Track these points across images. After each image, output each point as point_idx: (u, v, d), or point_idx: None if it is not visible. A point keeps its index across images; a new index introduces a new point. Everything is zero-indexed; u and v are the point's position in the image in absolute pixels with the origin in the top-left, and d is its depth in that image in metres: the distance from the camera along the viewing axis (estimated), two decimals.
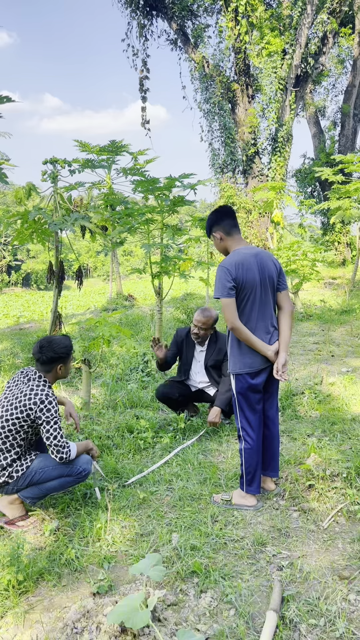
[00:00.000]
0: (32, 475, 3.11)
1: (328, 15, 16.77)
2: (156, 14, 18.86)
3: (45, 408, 3.05)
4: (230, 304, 3.08)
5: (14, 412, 3.06)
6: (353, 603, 2.38)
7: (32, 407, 3.04)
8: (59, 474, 3.14)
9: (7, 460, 3.10)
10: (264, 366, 3.18)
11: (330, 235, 20.48)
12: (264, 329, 3.17)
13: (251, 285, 3.11)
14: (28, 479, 3.11)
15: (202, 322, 4.53)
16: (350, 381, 5.43)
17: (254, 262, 3.14)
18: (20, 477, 3.11)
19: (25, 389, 3.12)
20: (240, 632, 2.21)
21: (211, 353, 4.61)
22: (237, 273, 3.07)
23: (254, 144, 17.18)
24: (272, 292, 3.24)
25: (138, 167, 7.19)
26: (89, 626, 2.15)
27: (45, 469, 3.13)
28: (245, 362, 3.15)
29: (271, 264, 3.22)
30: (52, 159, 6.78)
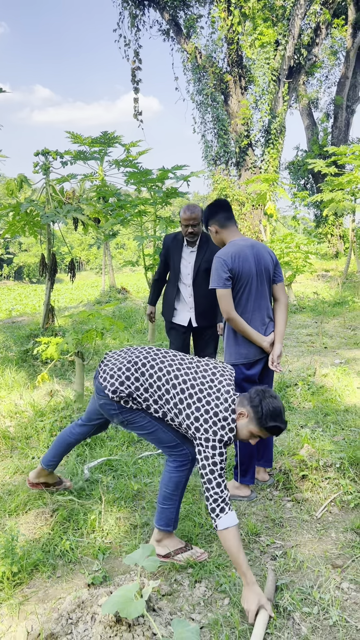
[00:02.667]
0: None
1: (321, 6, 16.69)
2: (148, 4, 18.69)
3: (211, 445, 2.43)
4: (227, 295, 3.09)
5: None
6: (346, 591, 2.40)
7: (198, 429, 2.47)
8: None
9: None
10: (259, 357, 3.19)
11: (323, 228, 20.49)
12: (259, 320, 3.18)
13: (247, 276, 3.12)
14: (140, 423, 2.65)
15: (193, 218, 4.26)
16: (343, 373, 5.46)
17: (250, 253, 3.15)
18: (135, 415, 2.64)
19: (222, 401, 2.51)
20: (234, 621, 2.22)
21: (203, 253, 4.40)
22: (233, 264, 3.08)
23: (247, 136, 17.13)
24: (268, 284, 3.25)
25: (130, 158, 7.16)
26: (84, 616, 2.16)
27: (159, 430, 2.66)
28: (241, 353, 3.16)
29: (267, 255, 3.23)
30: (44, 151, 6.73)
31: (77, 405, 4.57)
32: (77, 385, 4.74)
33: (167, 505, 2.68)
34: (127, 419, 2.65)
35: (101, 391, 2.65)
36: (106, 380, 2.63)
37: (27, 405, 4.86)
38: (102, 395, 2.65)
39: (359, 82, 21.20)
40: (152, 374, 2.59)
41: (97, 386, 2.70)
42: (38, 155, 6.78)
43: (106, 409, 2.68)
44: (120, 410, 2.63)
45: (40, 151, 6.74)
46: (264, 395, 2.47)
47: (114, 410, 2.64)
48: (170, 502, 2.68)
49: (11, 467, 3.78)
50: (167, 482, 2.69)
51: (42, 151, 6.74)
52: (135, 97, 19.51)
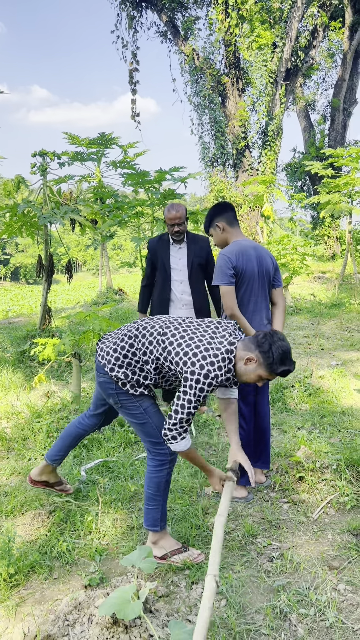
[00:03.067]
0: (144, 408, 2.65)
1: (318, 8, 16.75)
2: (146, 5, 18.72)
3: (195, 378, 2.39)
4: (231, 292, 3.11)
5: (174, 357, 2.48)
6: (342, 593, 2.41)
7: (186, 363, 2.41)
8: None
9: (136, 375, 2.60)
10: None
11: (320, 230, 20.54)
12: (259, 321, 3.21)
13: (250, 275, 3.15)
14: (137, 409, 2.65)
15: (178, 217, 4.30)
16: (339, 374, 5.47)
17: (253, 254, 3.19)
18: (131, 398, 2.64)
19: (219, 337, 2.50)
20: (231, 622, 2.23)
21: (192, 250, 4.44)
22: (237, 262, 3.11)
23: (244, 138, 17.16)
24: (268, 287, 3.30)
25: (128, 160, 7.17)
26: (81, 618, 2.16)
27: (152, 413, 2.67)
28: None
29: (269, 259, 3.28)
30: (42, 152, 6.73)
31: (74, 406, 4.56)
32: (74, 387, 4.74)
33: (152, 506, 2.72)
34: (122, 401, 2.65)
35: (101, 369, 2.66)
36: (104, 358, 2.63)
37: (23, 407, 4.85)
38: (102, 372, 2.66)
39: (355, 84, 21.28)
40: (147, 334, 2.59)
41: (97, 364, 2.71)
42: (35, 156, 6.77)
43: (105, 387, 2.68)
44: (117, 391, 2.63)
45: (38, 152, 6.74)
46: (272, 340, 2.44)
47: (112, 389, 2.64)
48: (154, 503, 2.71)
49: (8, 468, 3.77)
50: (149, 483, 2.72)
51: (40, 152, 6.74)
52: (133, 99, 19.54)
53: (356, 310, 9.63)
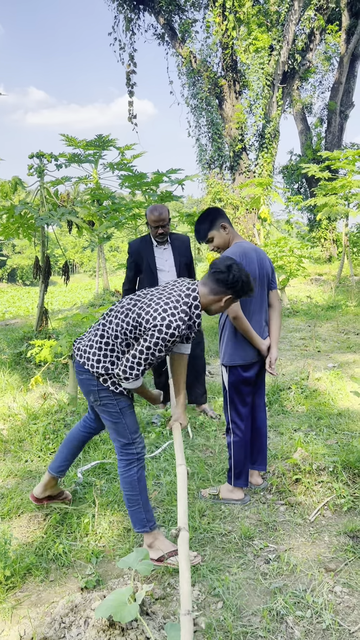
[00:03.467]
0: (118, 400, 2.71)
1: (315, 11, 16.80)
2: (143, 7, 18.74)
3: (158, 327, 2.45)
4: None
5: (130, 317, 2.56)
6: (339, 595, 2.41)
7: (148, 320, 2.48)
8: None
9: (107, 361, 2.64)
10: (255, 360, 3.23)
11: (317, 232, 20.58)
12: (258, 322, 3.23)
13: (252, 278, 3.16)
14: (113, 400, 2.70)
15: (162, 219, 4.27)
16: (336, 376, 5.48)
17: (254, 256, 3.21)
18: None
19: (177, 292, 2.58)
20: (227, 624, 2.22)
21: (177, 250, 4.44)
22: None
23: (241, 140, 17.18)
24: (267, 289, 3.31)
25: (125, 162, 7.17)
26: (77, 620, 2.15)
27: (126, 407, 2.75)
28: (239, 354, 3.19)
29: (267, 261, 3.32)
30: (39, 153, 6.73)
31: (71, 408, 4.56)
32: (70, 388, 4.73)
33: (134, 507, 2.75)
34: (102, 398, 2.70)
35: (81, 367, 2.72)
36: (82, 356, 2.70)
37: (20, 408, 4.84)
38: (83, 370, 2.71)
39: (352, 87, 21.34)
40: (112, 319, 2.66)
41: (76, 365, 2.77)
42: (32, 158, 6.77)
43: (86, 385, 2.72)
44: (98, 387, 2.68)
45: (35, 154, 6.74)
46: (231, 270, 2.60)
47: (94, 386, 2.69)
48: (135, 504, 2.74)
49: (4, 470, 3.77)
50: (123, 485, 2.77)
51: (37, 154, 6.74)
52: (130, 101, 19.54)
53: (353, 312, 9.65)
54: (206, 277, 2.65)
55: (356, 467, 3.36)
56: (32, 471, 3.77)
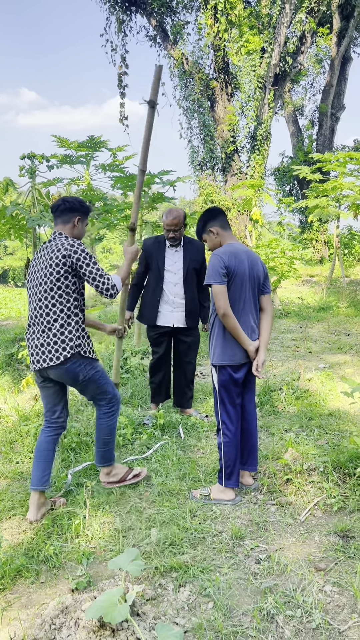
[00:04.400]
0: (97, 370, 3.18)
1: (306, 14, 16.89)
2: (135, 9, 18.75)
3: (78, 250, 3.03)
4: (223, 291, 3.14)
5: (54, 271, 3.02)
6: (329, 594, 2.42)
7: (66, 255, 3.00)
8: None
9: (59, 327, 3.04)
10: (244, 361, 3.24)
11: (308, 234, 20.67)
12: (247, 323, 3.24)
13: (241, 277, 3.18)
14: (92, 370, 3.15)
15: (174, 224, 4.37)
16: (327, 377, 5.50)
17: (245, 257, 3.23)
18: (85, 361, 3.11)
19: (52, 248, 3.08)
20: (218, 625, 2.23)
21: (189, 254, 4.52)
22: (229, 262, 3.15)
23: (233, 142, 17.22)
24: (258, 292, 3.33)
25: (117, 163, 7.16)
26: (68, 622, 2.15)
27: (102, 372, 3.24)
28: (227, 354, 3.21)
29: (260, 265, 3.33)
30: (30, 154, 6.70)
31: None
32: None
33: (107, 448, 3.35)
34: (89, 372, 3.11)
35: (57, 367, 3.04)
36: (51, 358, 3.03)
37: (11, 410, 4.82)
38: (59, 364, 3.02)
39: (343, 90, 21.47)
40: (31, 300, 3.16)
41: (50, 371, 3.08)
42: (24, 159, 6.74)
43: (70, 372, 3.06)
44: (83, 364, 3.08)
45: (26, 155, 6.71)
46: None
47: (79, 365, 3.06)
48: (109, 445, 3.35)
49: None
50: (104, 429, 3.32)
51: (28, 155, 6.71)
52: (122, 102, 19.51)
53: (344, 313, 9.70)
54: None
55: (346, 467, 3.38)
56: (23, 472, 3.76)
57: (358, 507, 3.10)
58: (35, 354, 3.07)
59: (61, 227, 3.20)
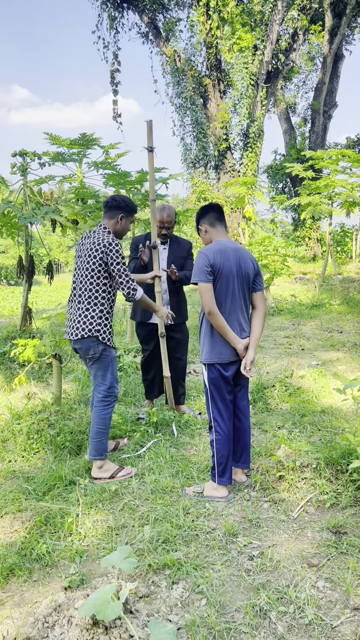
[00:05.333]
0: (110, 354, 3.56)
1: (298, 12, 16.90)
2: (127, 6, 18.70)
3: (112, 250, 3.42)
4: (208, 289, 3.14)
5: (90, 260, 3.45)
6: (321, 590, 2.43)
7: (103, 251, 3.42)
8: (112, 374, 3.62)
9: (94, 314, 3.48)
10: (234, 359, 3.23)
11: (301, 231, 20.72)
12: (236, 321, 3.22)
13: (227, 274, 3.16)
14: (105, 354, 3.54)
15: (168, 221, 4.50)
16: (319, 374, 5.52)
17: (232, 255, 3.21)
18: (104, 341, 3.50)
19: (94, 240, 3.48)
20: (211, 621, 2.23)
21: (173, 252, 4.64)
22: (214, 259, 3.14)
23: (226, 139, 17.23)
24: (248, 290, 3.30)
25: (109, 160, 7.14)
26: (60, 620, 2.14)
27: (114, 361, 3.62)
28: (216, 352, 3.20)
29: (249, 262, 3.29)
30: (22, 152, 6.67)
31: (55, 408, 4.53)
32: (54, 388, 4.71)
33: (100, 439, 3.55)
34: (102, 352, 3.50)
35: (77, 342, 3.51)
36: (70, 333, 3.52)
37: (3, 408, 4.80)
38: (81, 338, 3.47)
39: (335, 87, 21.52)
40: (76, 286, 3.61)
41: (72, 342, 3.56)
42: (16, 157, 6.72)
43: (86, 347, 3.48)
44: (98, 343, 3.48)
45: (18, 152, 6.68)
46: (117, 197, 3.63)
47: (94, 343, 3.47)
48: (102, 436, 3.55)
49: None
50: (98, 420, 3.56)
51: (20, 152, 6.68)
52: (114, 99, 19.48)
53: (336, 311, 9.74)
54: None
55: (339, 464, 3.39)
56: (16, 471, 3.75)
57: (350, 503, 3.12)
58: (67, 325, 3.60)
59: (106, 221, 3.62)
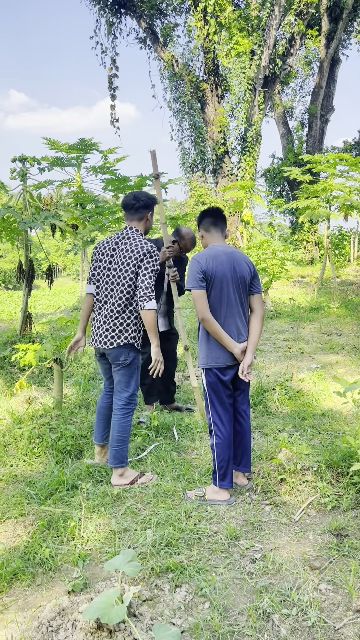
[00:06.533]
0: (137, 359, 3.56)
1: (295, 17, 16.99)
2: (125, 12, 18.77)
3: (151, 258, 3.40)
4: (201, 296, 3.15)
5: (129, 269, 3.40)
6: (324, 592, 2.44)
7: (140, 258, 3.38)
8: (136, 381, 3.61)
9: (129, 321, 3.48)
10: (231, 363, 3.24)
11: (299, 234, 20.75)
12: (233, 325, 3.23)
13: (220, 280, 3.17)
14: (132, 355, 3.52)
15: (191, 249, 4.65)
16: (319, 377, 5.54)
17: (226, 259, 3.21)
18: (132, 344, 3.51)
19: (131, 247, 3.43)
20: (214, 624, 2.24)
21: (177, 265, 4.75)
22: (207, 266, 3.15)
23: (224, 144, 17.28)
24: (244, 293, 3.29)
25: (108, 165, 7.17)
26: (65, 624, 2.15)
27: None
28: (212, 357, 3.21)
29: (245, 265, 3.28)
30: (21, 157, 6.70)
31: (56, 412, 4.54)
32: (55, 392, 4.72)
33: (121, 447, 3.52)
34: (132, 359, 3.51)
35: (111, 350, 3.48)
36: (105, 342, 3.48)
37: (4, 413, 4.81)
38: (117, 347, 3.46)
39: (332, 91, 21.62)
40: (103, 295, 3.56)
41: (105, 350, 3.52)
42: (15, 162, 6.75)
43: (118, 353, 3.48)
44: (131, 350, 3.48)
45: (17, 157, 6.71)
46: (136, 194, 3.64)
47: (126, 350, 3.48)
48: (123, 444, 3.53)
49: None
50: (119, 429, 3.53)
51: (19, 157, 6.71)
52: (112, 104, 19.52)
53: (335, 314, 9.76)
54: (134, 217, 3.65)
55: (340, 467, 3.40)
56: (18, 476, 3.75)
57: (352, 505, 3.13)
58: (96, 334, 3.54)
59: (136, 222, 3.60)
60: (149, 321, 3.37)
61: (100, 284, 3.55)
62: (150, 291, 3.35)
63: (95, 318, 3.58)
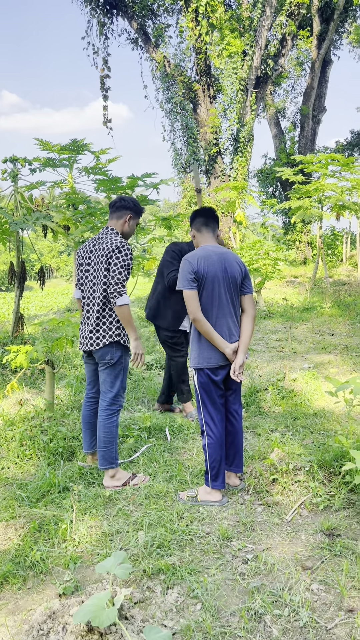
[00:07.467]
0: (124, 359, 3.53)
1: (287, 17, 17.02)
2: (116, 12, 18.73)
3: (122, 254, 3.36)
4: (193, 296, 3.14)
5: (105, 266, 3.39)
6: (316, 592, 2.44)
7: (109, 255, 3.37)
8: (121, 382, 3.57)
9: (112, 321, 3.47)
10: (223, 363, 3.23)
11: (292, 235, 20.81)
12: (224, 326, 3.22)
13: (211, 280, 3.17)
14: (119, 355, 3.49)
15: None
16: (312, 377, 5.54)
17: (217, 259, 3.21)
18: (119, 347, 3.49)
19: (105, 244, 3.44)
20: (206, 626, 2.24)
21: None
22: (198, 266, 3.15)
23: (216, 144, 17.29)
24: (236, 293, 3.29)
25: (100, 166, 7.15)
26: (55, 627, 2.14)
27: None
28: (204, 357, 3.21)
29: (236, 265, 3.28)
30: (12, 158, 6.67)
31: (48, 414, 4.52)
32: (47, 394, 4.69)
33: (108, 448, 3.50)
34: (118, 358, 3.47)
35: (98, 350, 3.46)
36: (91, 344, 3.46)
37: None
38: (103, 346, 3.44)
39: (324, 92, 21.69)
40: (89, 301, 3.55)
41: (92, 350, 3.49)
42: (6, 162, 6.71)
43: (104, 352, 3.45)
44: (117, 347, 3.45)
45: (9, 158, 6.68)
46: (123, 198, 3.63)
47: (113, 348, 3.45)
48: (110, 445, 3.51)
49: None
50: (104, 430, 3.51)
51: (11, 158, 6.68)
52: (105, 105, 19.47)
53: (327, 313, 9.78)
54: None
55: (332, 466, 3.41)
56: (9, 478, 3.73)
57: (343, 505, 3.13)
58: (83, 337, 3.54)
59: (114, 222, 3.60)
60: (124, 317, 3.38)
61: (84, 288, 3.57)
62: (121, 286, 3.32)
63: (82, 321, 3.60)
